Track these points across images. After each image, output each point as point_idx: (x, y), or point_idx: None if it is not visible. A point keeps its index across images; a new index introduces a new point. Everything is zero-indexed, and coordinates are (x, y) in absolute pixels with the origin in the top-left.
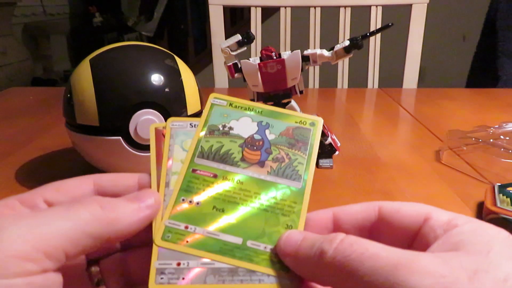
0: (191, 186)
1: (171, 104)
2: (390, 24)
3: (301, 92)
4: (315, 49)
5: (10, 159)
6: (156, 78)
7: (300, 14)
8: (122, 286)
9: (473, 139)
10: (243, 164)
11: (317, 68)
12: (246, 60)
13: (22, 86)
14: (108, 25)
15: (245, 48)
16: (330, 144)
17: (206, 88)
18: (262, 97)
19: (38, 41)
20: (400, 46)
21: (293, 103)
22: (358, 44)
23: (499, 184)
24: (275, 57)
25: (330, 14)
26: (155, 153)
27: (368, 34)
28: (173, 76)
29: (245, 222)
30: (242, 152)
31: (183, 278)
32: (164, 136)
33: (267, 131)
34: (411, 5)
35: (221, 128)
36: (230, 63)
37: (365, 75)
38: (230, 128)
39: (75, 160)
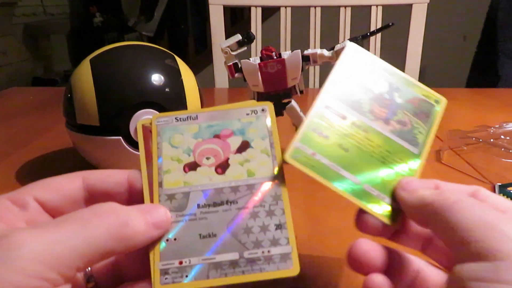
0: (323, 119)
1: (171, 104)
2: (390, 24)
3: (301, 92)
4: (315, 49)
5: (10, 159)
6: (157, 78)
7: (300, 14)
8: (113, 281)
9: (474, 139)
10: (370, 116)
11: (317, 68)
12: (246, 60)
13: (22, 86)
14: (108, 25)
15: (245, 48)
16: None
17: (206, 88)
18: (262, 97)
19: (38, 41)
20: (401, 46)
21: (293, 103)
22: (358, 44)
23: (500, 184)
24: (275, 57)
25: (330, 14)
26: (144, 150)
27: (368, 34)
28: (174, 76)
29: (365, 166)
30: (371, 105)
31: (187, 276)
32: (151, 133)
33: (396, 94)
34: (411, 5)
35: (355, 77)
36: (230, 63)
37: None
38: (364, 80)
39: (75, 160)
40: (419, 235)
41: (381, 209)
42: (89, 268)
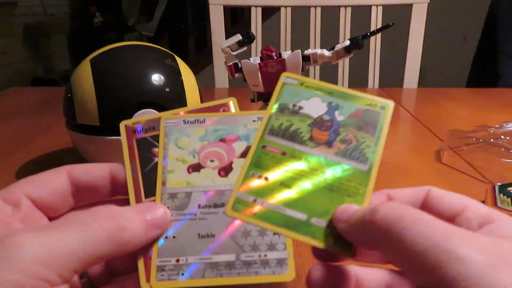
0: (260, 161)
1: (171, 104)
2: (390, 24)
3: None
4: (315, 49)
5: (10, 159)
6: (157, 78)
7: (301, 14)
8: (105, 277)
9: (474, 138)
10: (311, 144)
11: (317, 68)
12: (247, 60)
13: (22, 86)
14: (108, 25)
15: (246, 48)
16: None
17: (206, 88)
18: (263, 97)
19: (39, 41)
20: (401, 46)
21: None
22: (358, 44)
23: (500, 184)
24: (275, 57)
25: (330, 14)
26: (127, 150)
27: (368, 34)
28: (174, 76)
29: (310, 199)
30: (311, 132)
31: (183, 274)
32: (134, 132)
33: (336, 112)
34: (411, 4)
35: (291, 107)
36: (231, 63)
37: (365, 75)
38: (300, 108)
39: (75, 160)
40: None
41: (332, 241)
42: None
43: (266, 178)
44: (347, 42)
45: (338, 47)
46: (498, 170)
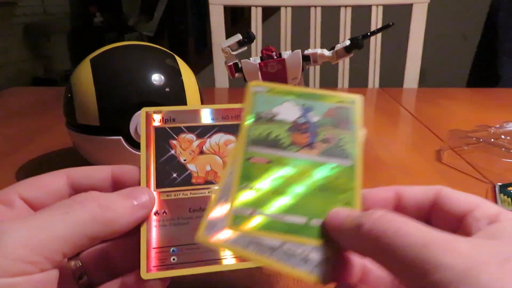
0: (248, 173)
1: (171, 104)
2: (390, 23)
3: None
4: (315, 49)
5: (10, 159)
6: (157, 78)
7: (301, 14)
8: (105, 277)
9: (474, 138)
10: (294, 148)
11: (317, 67)
12: (247, 59)
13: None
14: (108, 25)
15: (246, 47)
16: None
17: (206, 88)
18: None
19: (38, 41)
20: (401, 45)
21: None
22: (358, 43)
23: (500, 183)
24: (275, 57)
25: (330, 14)
26: (145, 138)
27: (368, 33)
28: (174, 76)
29: (306, 202)
30: (291, 137)
31: (227, 239)
32: (154, 120)
33: (310, 114)
34: (411, 4)
35: (266, 115)
36: (231, 63)
37: (365, 75)
38: (275, 114)
39: (75, 160)
40: (385, 283)
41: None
42: (80, 263)
43: (258, 189)
44: (347, 42)
45: (338, 47)
46: (499, 170)
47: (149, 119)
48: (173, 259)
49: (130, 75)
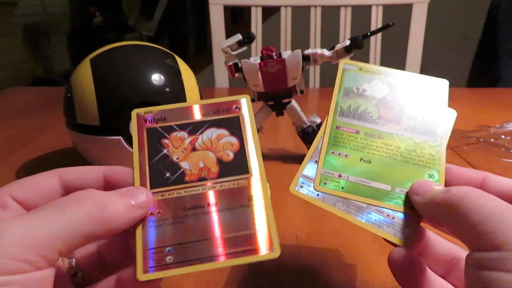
0: (338, 141)
1: (171, 103)
2: (390, 23)
3: (301, 92)
4: (315, 49)
5: (10, 159)
6: (157, 78)
7: (301, 14)
8: (100, 274)
9: (474, 138)
10: (381, 122)
11: (317, 67)
12: (247, 59)
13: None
14: (108, 25)
15: (246, 47)
16: None
17: (206, 88)
18: (263, 97)
19: (39, 41)
20: (401, 45)
21: (293, 103)
22: (359, 43)
23: None
24: (275, 57)
25: (330, 14)
26: (137, 139)
27: (368, 33)
28: (174, 76)
29: (391, 171)
30: (378, 111)
31: (318, 195)
32: (145, 121)
33: (397, 92)
34: (411, 4)
35: (355, 90)
36: (231, 63)
37: None
38: (364, 90)
39: (75, 160)
40: (440, 260)
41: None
42: (74, 261)
43: (346, 155)
44: (347, 42)
45: (338, 46)
46: (499, 170)
47: (141, 120)
48: (169, 259)
49: (130, 75)
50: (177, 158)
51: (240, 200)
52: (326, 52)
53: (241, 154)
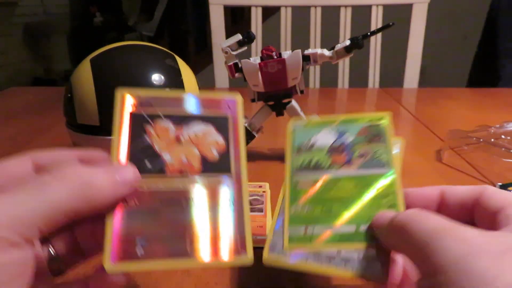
0: (298, 197)
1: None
2: (391, 23)
3: (301, 92)
4: (315, 49)
5: None
6: (157, 78)
7: (301, 14)
8: (77, 258)
9: (474, 138)
10: (334, 167)
11: (317, 67)
12: (247, 59)
13: (22, 86)
14: (108, 25)
15: (246, 47)
16: None
17: (206, 87)
18: (263, 97)
19: (39, 41)
20: (401, 45)
21: (293, 103)
22: (359, 43)
23: (500, 183)
24: (275, 57)
25: (330, 14)
26: (120, 123)
27: (369, 33)
28: (174, 76)
29: (353, 212)
30: (331, 158)
31: (287, 258)
32: (130, 105)
33: (345, 136)
34: (412, 4)
35: (306, 145)
36: (231, 63)
37: (365, 75)
38: (314, 143)
39: None
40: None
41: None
42: (52, 248)
43: (308, 209)
44: (348, 42)
45: (339, 47)
46: (499, 170)
47: (125, 102)
48: (139, 251)
49: (130, 75)
50: (159, 149)
51: (219, 200)
52: (326, 52)
53: (225, 154)
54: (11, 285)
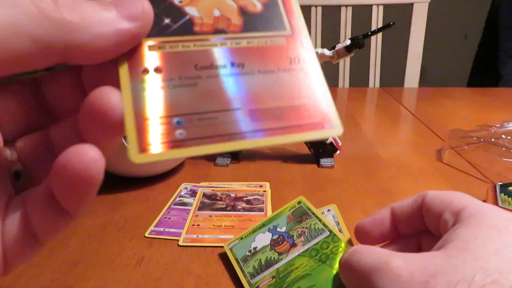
0: None
1: None
2: (391, 23)
3: None
4: (316, 48)
5: None
6: None
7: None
8: (47, 173)
9: (475, 138)
10: (283, 256)
11: None
12: None
13: None
14: None
15: None
16: (331, 143)
17: None
18: None
19: None
20: (402, 45)
21: None
22: (359, 43)
23: (501, 183)
24: None
25: (331, 14)
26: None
27: (369, 33)
28: None
29: (316, 282)
30: (275, 251)
31: None
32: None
33: (278, 229)
34: (412, 4)
35: (249, 253)
36: None
37: (366, 74)
38: (255, 248)
39: None
40: None
41: None
42: (16, 156)
43: None
44: (348, 42)
45: (339, 46)
46: (499, 170)
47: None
48: (180, 134)
49: None
50: (180, 2)
51: (277, 62)
52: (327, 52)
53: (272, 5)
54: None
